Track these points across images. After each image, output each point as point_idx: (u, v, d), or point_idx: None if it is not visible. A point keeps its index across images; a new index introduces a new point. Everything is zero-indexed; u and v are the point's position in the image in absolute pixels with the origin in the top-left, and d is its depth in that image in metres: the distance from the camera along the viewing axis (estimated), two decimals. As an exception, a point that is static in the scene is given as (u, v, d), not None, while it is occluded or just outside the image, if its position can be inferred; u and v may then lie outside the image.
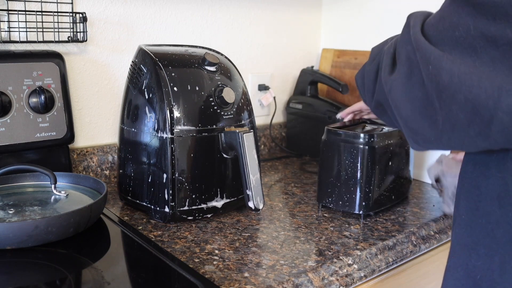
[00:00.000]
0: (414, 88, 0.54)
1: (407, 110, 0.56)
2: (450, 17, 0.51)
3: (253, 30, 1.40)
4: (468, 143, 0.51)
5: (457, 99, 0.49)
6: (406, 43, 0.57)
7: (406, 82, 0.56)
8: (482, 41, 0.48)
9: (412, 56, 0.55)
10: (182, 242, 0.82)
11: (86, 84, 1.11)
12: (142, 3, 1.16)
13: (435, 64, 0.51)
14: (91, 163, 1.11)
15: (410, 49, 0.56)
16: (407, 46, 0.57)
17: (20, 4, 0.97)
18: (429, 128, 0.54)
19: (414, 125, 0.56)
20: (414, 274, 0.94)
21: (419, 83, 0.54)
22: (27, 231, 0.71)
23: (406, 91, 0.56)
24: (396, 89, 0.58)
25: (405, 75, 0.56)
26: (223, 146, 0.90)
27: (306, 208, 0.99)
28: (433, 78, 0.51)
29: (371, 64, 0.69)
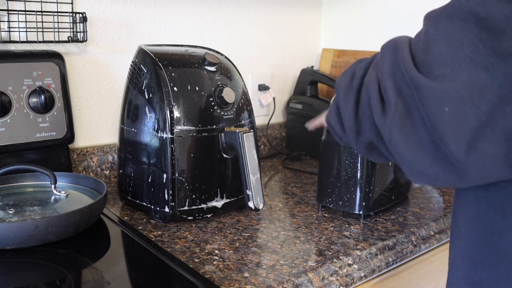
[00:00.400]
0: (417, 129, 0.50)
1: (416, 157, 0.51)
2: (445, 39, 0.49)
3: (253, 30, 1.40)
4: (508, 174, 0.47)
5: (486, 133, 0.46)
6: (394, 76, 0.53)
7: (406, 125, 0.51)
8: (493, 58, 0.45)
9: (406, 92, 0.51)
10: (182, 242, 0.82)
11: (86, 84, 1.11)
12: (142, 3, 1.16)
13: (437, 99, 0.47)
14: (91, 163, 1.11)
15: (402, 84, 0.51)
16: (396, 80, 0.52)
17: (20, 4, 0.97)
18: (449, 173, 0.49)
19: (430, 171, 0.50)
20: (414, 274, 0.94)
21: (420, 122, 0.49)
22: (27, 231, 0.71)
23: (408, 135, 0.51)
24: (396, 137, 0.52)
25: (403, 116, 0.51)
26: (223, 146, 0.90)
27: (306, 208, 0.99)
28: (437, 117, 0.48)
29: (345, 100, 0.62)
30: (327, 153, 0.95)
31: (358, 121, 0.60)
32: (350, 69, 0.65)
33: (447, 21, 0.49)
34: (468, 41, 0.47)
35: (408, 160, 0.52)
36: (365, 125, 0.59)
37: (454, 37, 0.48)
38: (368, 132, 0.59)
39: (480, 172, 0.47)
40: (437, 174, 0.50)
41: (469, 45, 0.47)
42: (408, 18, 1.36)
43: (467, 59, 0.47)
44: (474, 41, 0.46)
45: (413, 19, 1.35)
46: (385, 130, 0.54)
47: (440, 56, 0.49)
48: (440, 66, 0.49)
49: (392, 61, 0.54)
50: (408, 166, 0.53)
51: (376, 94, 0.56)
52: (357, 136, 0.62)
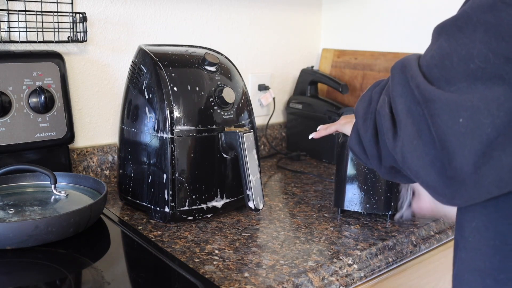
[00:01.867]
0: (428, 148, 0.49)
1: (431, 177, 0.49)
2: (457, 52, 0.47)
3: (253, 30, 1.40)
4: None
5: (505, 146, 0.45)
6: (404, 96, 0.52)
7: (416, 146, 0.50)
8: (506, 65, 0.44)
9: (415, 111, 0.50)
10: (182, 242, 0.82)
11: (86, 84, 1.11)
12: (142, 3, 1.16)
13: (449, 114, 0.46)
14: (91, 163, 1.11)
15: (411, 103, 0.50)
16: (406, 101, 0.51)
17: (20, 4, 0.97)
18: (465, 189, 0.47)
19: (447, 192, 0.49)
20: (414, 274, 0.94)
21: (430, 141, 0.48)
22: (27, 231, 0.71)
23: (421, 156, 0.49)
24: (408, 158, 0.51)
25: (413, 136, 0.50)
26: (223, 146, 0.90)
27: (306, 208, 0.99)
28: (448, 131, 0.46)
29: (365, 127, 0.62)
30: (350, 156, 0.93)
31: (378, 147, 0.60)
32: (368, 93, 0.64)
33: (458, 33, 0.48)
34: (478, 51, 0.46)
35: (424, 181, 0.51)
36: (384, 150, 0.59)
37: (464, 49, 0.47)
38: (387, 157, 0.58)
39: (495, 183, 0.46)
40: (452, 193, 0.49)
41: (479, 56, 0.46)
42: (408, 18, 1.36)
43: (478, 70, 0.46)
44: (483, 51, 0.45)
45: (413, 19, 1.35)
46: (397, 154, 0.53)
47: (454, 70, 0.47)
48: (456, 81, 0.47)
49: (401, 81, 0.53)
50: (426, 187, 0.52)
51: (388, 118, 0.55)
52: (380, 161, 0.61)
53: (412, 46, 1.34)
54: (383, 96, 0.57)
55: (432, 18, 1.32)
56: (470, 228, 0.53)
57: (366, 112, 0.62)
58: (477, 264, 0.52)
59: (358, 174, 0.93)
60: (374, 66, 1.40)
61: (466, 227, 0.54)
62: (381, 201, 0.92)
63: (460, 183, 0.47)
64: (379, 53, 1.40)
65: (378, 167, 0.62)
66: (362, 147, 0.63)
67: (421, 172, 0.50)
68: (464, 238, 0.54)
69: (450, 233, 0.96)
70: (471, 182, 0.47)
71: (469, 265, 0.54)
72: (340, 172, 0.94)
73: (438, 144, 0.48)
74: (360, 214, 0.96)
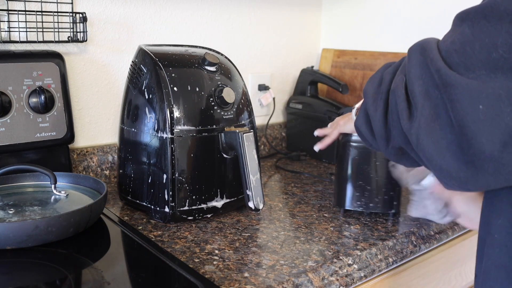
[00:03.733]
0: (445, 132, 0.49)
1: (445, 160, 0.50)
2: (480, 39, 0.47)
3: (253, 30, 1.40)
4: None
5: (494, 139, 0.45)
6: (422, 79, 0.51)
7: (433, 128, 0.50)
8: None
9: (434, 94, 0.50)
10: (182, 242, 0.82)
11: (86, 84, 1.11)
12: (142, 3, 1.16)
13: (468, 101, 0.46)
14: (91, 163, 1.11)
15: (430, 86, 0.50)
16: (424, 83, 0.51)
17: (20, 4, 0.97)
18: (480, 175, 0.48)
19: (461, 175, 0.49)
20: (414, 274, 0.94)
21: (448, 124, 0.48)
22: (27, 231, 0.71)
23: (437, 139, 0.50)
24: (424, 140, 0.51)
25: (430, 119, 0.50)
26: (223, 146, 0.90)
27: (306, 208, 0.99)
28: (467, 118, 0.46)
29: (374, 107, 0.61)
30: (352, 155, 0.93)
31: (388, 127, 0.60)
32: (378, 74, 0.64)
33: (483, 21, 0.47)
34: (502, 41, 0.46)
35: (437, 164, 0.51)
36: (394, 131, 0.58)
37: (489, 37, 0.46)
38: (397, 138, 0.58)
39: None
40: (467, 177, 0.49)
41: (503, 45, 0.46)
42: (408, 18, 1.36)
43: (501, 60, 0.46)
44: (508, 41, 0.45)
45: (413, 19, 1.35)
46: (412, 135, 0.53)
47: (475, 57, 0.48)
48: (475, 68, 0.47)
49: (420, 63, 0.53)
50: (438, 171, 0.52)
51: (403, 98, 0.55)
52: (387, 142, 0.61)
53: (412, 46, 1.34)
54: (400, 76, 0.56)
55: (432, 18, 1.32)
56: (496, 225, 0.53)
57: (376, 92, 0.61)
58: (504, 261, 0.52)
59: (359, 173, 0.93)
60: (374, 66, 1.40)
61: (492, 224, 0.54)
62: (383, 200, 0.92)
63: (478, 168, 0.47)
64: (379, 53, 1.40)
65: (384, 147, 0.62)
66: (370, 127, 0.63)
67: (435, 155, 0.50)
68: (491, 235, 0.54)
69: (450, 233, 0.96)
70: (490, 168, 0.47)
71: (496, 261, 0.53)
72: (342, 172, 0.94)
73: (457, 129, 0.48)
74: (360, 214, 0.96)
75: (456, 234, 0.98)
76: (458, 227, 0.98)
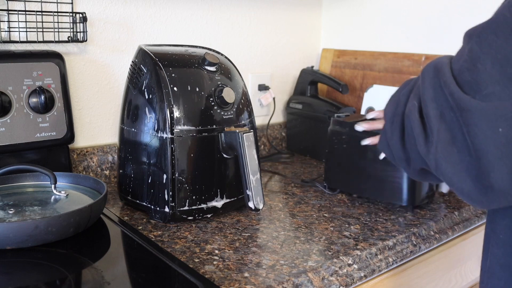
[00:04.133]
0: (464, 155, 0.48)
1: (466, 183, 0.50)
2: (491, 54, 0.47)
3: (253, 30, 1.40)
4: None
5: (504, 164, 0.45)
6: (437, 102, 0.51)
7: (451, 152, 0.50)
8: None
9: (449, 117, 0.49)
10: (182, 242, 0.82)
11: (86, 84, 1.11)
12: (142, 3, 1.16)
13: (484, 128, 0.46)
14: (91, 163, 1.11)
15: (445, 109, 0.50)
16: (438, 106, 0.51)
17: (20, 4, 0.97)
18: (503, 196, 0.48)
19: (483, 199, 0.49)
20: (414, 274, 0.94)
21: (466, 148, 0.48)
22: (27, 231, 0.71)
23: (455, 162, 0.50)
24: (442, 165, 0.51)
25: (447, 142, 0.50)
26: (223, 146, 0.90)
27: (306, 208, 0.99)
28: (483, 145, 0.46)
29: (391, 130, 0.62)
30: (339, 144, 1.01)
31: (406, 149, 0.60)
32: (396, 95, 0.64)
33: (492, 36, 0.47)
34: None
35: (458, 187, 0.51)
36: (412, 154, 0.58)
37: (500, 53, 0.46)
38: (417, 161, 0.58)
39: None
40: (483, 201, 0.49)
41: None
42: (408, 18, 1.36)
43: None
44: None
45: (413, 19, 1.35)
46: (430, 160, 0.53)
47: (487, 74, 0.47)
48: (488, 85, 0.47)
49: (433, 85, 0.52)
50: (459, 192, 0.52)
51: (418, 122, 0.55)
52: (408, 164, 0.61)
53: (412, 46, 1.34)
54: (412, 101, 0.56)
55: (432, 18, 1.32)
56: (502, 225, 0.54)
57: (393, 115, 0.62)
58: (508, 260, 0.53)
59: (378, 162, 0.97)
60: (374, 66, 1.40)
61: (498, 223, 0.54)
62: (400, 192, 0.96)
63: (498, 192, 0.47)
64: (379, 53, 1.40)
65: (406, 169, 0.62)
66: (390, 149, 0.64)
67: (455, 179, 0.50)
68: (496, 234, 0.55)
69: (450, 233, 0.96)
70: (502, 199, 0.47)
71: (500, 260, 0.54)
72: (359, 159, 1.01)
73: (474, 153, 0.47)
74: (360, 214, 0.96)
75: (456, 234, 0.98)
76: (458, 227, 0.98)
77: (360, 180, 1.02)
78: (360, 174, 1.02)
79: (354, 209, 0.99)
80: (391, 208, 1.00)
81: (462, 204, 1.03)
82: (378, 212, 0.98)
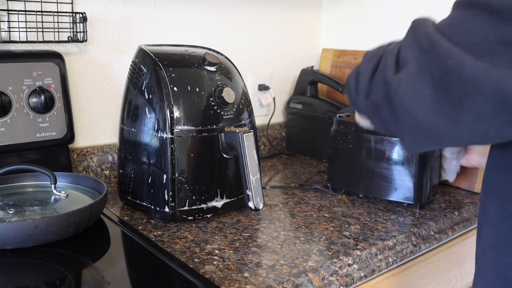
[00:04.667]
0: (424, 86, 0.55)
1: (417, 107, 0.56)
2: (463, 24, 0.53)
3: (253, 30, 1.40)
4: (492, 133, 0.51)
5: (483, 90, 0.49)
6: (413, 46, 0.58)
7: (415, 81, 0.56)
8: (500, 45, 0.49)
9: (421, 56, 0.56)
10: (182, 242, 0.82)
11: (86, 84, 1.11)
12: (142, 3, 1.16)
13: (456, 58, 0.52)
14: (91, 163, 1.11)
15: (418, 50, 0.57)
16: (413, 48, 0.58)
17: (20, 4, 0.97)
18: (443, 123, 0.54)
19: (424, 121, 0.56)
20: (414, 274, 0.94)
21: (429, 81, 0.54)
22: (27, 231, 0.71)
23: (415, 89, 0.56)
24: (404, 88, 0.58)
25: (414, 74, 0.56)
26: (223, 146, 0.90)
27: (306, 208, 0.99)
28: (454, 71, 0.52)
29: (366, 66, 0.69)
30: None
31: (371, 84, 0.66)
32: (379, 47, 0.72)
33: (470, 8, 0.53)
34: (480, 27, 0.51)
35: (413, 112, 0.56)
36: (376, 86, 0.64)
37: (469, 24, 0.52)
38: (377, 93, 0.64)
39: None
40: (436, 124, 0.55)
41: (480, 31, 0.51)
42: (408, 17, 1.36)
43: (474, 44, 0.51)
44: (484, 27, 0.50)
45: (413, 18, 1.35)
46: (394, 83, 0.59)
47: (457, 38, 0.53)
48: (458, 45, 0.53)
49: (411, 33, 0.60)
50: (412, 119, 0.57)
51: (393, 58, 0.61)
52: (366, 97, 0.67)
53: (412, 46, 1.34)
54: (396, 44, 0.64)
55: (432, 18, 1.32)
56: (491, 210, 0.60)
57: (372, 56, 0.69)
58: (495, 241, 0.59)
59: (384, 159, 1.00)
60: (374, 66, 1.39)
61: (487, 208, 0.61)
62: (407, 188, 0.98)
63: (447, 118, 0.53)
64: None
65: (362, 101, 0.69)
66: (357, 82, 0.70)
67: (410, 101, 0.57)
68: (486, 218, 0.61)
69: (450, 233, 0.96)
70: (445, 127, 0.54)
71: (490, 242, 0.60)
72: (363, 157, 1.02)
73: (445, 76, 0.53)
74: (360, 214, 0.96)
75: (456, 234, 0.98)
76: (458, 227, 0.98)
77: (366, 179, 1.02)
78: (366, 173, 1.02)
79: (354, 209, 0.99)
80: (391, 208, 1.00)
81: (462, 204, 1.04)
82: (378, 212, 0.98)
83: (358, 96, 0.70)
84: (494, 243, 0.59)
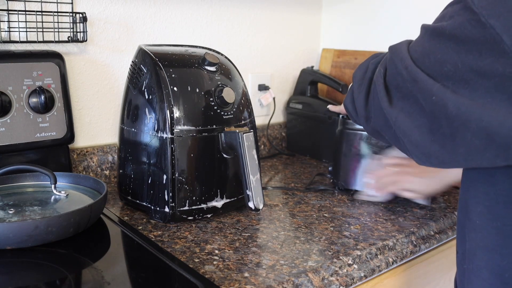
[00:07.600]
0: (419, 117, 0.58)
1: (416, 135, 0.59)
2: (434, 54, 0.55)
3: (253, 30, 1.40)
4: (486, 163, 0.53)
5: (470, 127, 0.51)
6: (396, 76, 0.60)
7: (411, 114, 0.59)
8: (472, 75, 0.51)
9: (406, 89, 0.59)
10: (182, 242, 0.82)
11: (86, 84, 1.11)
12: (142, 3, 1.16)
13: (439, 94, 0.54)
14: (91, 163, 1.11)
15: (402, 81, 0.59)
16: (397, 78, 0.60)
17: (20, 4, 0.97)
18: (441, 153, 0.56)
19: (425, 148, 0.58)
20: (414, 274, 0.94)
21: (422, 112, 0.57)
22: (27, 231, 0.71)
23: (413, 119, 0.59)
24: (401, 119, 0.61)
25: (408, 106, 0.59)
26: (223, 146, 0.90)
27: (306, 208, 0.99)
28: (440, 109, 0.54)
29: (359, 90, 0.72)
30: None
31: (368, 109, 0.70)
32: (365, 62, 0.75)
33: (437, 38, 0.55)
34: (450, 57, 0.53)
35: (414, 140, 0.59)
36: (373, 113, 0.68)
37: (440, 54, 0.54)
38: (376, 119, 0.67)
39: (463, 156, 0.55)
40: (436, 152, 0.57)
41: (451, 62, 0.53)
42: (408, 18, 1.36)
43: (450, 72, 0.53)
44: (454, 58, 0.53)
45: (412, 18, 1.35)
46: (392, 116, 0.62)
47: (432, 68, 0.56)
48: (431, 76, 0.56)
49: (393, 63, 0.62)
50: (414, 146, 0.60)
51: (382, 88, 0.64)
52: (367, 121, 0.71)
53: (412, 46, 1.34)
54: (379, 68, 0.66)
55: (431, 18, 1.32)
56: (476, 213, 0.60)
57: (361, 78, 0.72)
58: (486, 242, 0.60)
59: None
60: (374, 66, 1.40)
61: (471, 211, 0.61)
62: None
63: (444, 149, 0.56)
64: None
65: (365, 125, 0.73)
66: (354, 106, 0.74)
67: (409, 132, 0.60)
68: (472, 221, 0.61)
69: (450, 233, 0.96)
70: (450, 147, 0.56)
71: (479, 244, 0.61)
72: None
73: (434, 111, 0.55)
74: (360, 214, 0.96)
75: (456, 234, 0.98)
76: (458, 227, 0.98)
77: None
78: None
79: (354, 209, 0.99)
80: (391, 208, 1.00)
81: (462, 204, 1.03)
82: (378, 212, 0.98)
83: (359, 119, 0.74)
84: (484, 245, 0.60)
